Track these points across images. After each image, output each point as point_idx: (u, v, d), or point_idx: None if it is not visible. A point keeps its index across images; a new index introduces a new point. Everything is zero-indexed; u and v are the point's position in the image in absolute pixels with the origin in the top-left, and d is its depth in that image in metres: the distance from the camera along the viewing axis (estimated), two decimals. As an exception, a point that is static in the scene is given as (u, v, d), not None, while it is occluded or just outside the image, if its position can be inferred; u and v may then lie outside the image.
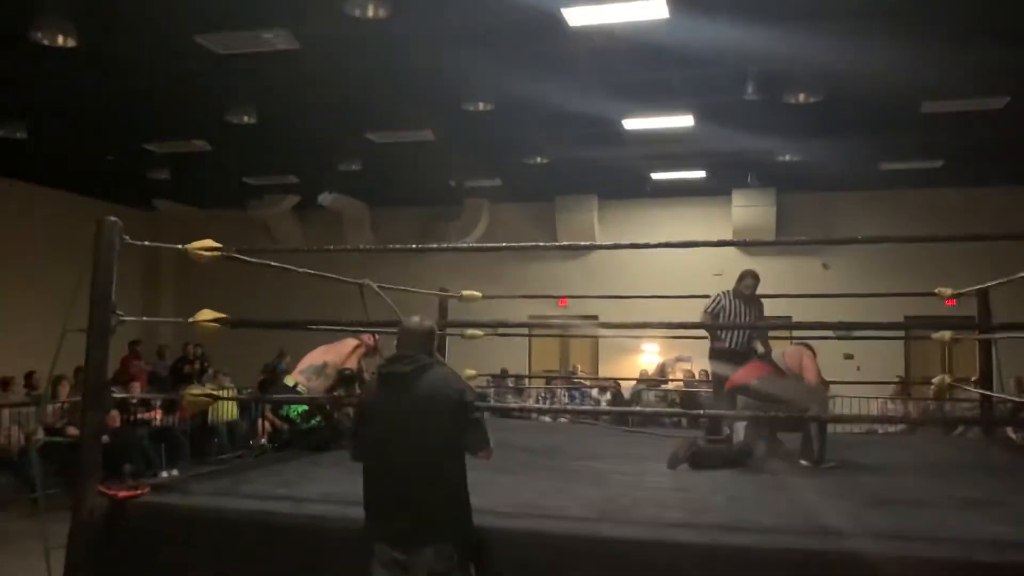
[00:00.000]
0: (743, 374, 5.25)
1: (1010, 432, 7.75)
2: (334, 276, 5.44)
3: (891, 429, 8.88)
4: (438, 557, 2.90)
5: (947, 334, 5.88)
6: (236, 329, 12.06)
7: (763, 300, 6.68)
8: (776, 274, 14.39)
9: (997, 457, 5.32)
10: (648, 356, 15.32)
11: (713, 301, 6.43)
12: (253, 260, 4.56)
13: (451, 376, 3.19)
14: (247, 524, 3.32)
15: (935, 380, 5.83)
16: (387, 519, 2.99)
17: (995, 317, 6.52)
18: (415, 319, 3.30)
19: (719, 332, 6.21)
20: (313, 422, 5.26)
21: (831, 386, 12.79)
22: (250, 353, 13.01)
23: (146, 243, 3.88)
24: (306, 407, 4.92)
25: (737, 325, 6.29)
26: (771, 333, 6.96)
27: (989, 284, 5.65)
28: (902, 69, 8.85)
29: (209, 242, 4.03)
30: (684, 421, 9.86)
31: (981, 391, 6.13)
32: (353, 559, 3.12)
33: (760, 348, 5.94)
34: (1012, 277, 4.75)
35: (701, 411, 6.56)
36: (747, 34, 7.75)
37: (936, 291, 6.01)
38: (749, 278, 6.34)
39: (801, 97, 9.41)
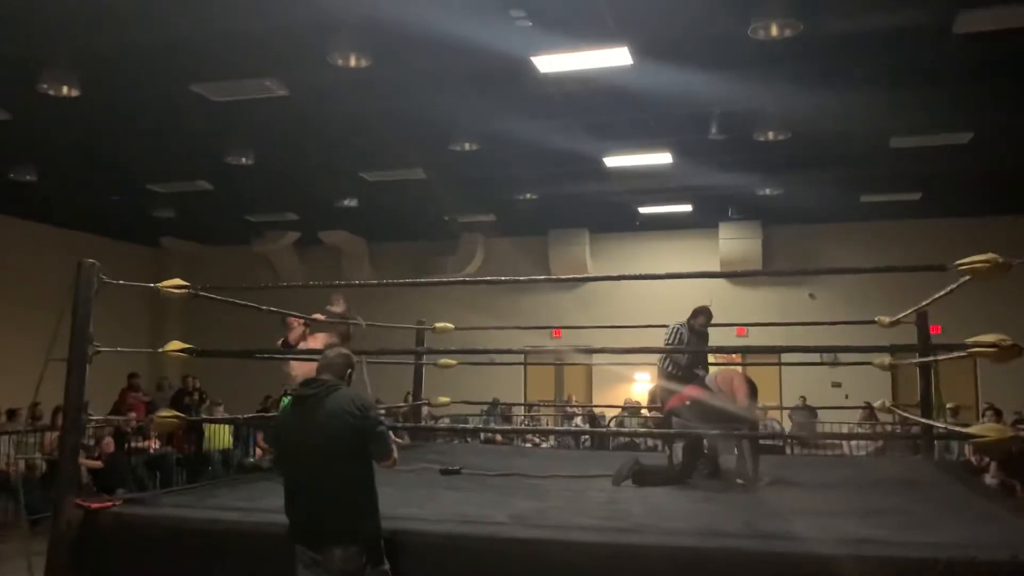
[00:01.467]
0: (678, 397, 5.60)
1: (970, 455, 8.05)
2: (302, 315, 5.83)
3: (861, 452, 9.16)
4: (346, 557, 3.27)
5: (887, 359, 6.24)
6: (239, 363, 12.35)
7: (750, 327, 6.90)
8: (764, 303, 14.83)
9: (929, 475, 5.63)
10: (640, 385, 15.61)
11: (673, 333, 6.58)
12: (218, 298, 4.96)
13: (355, 396, 3.55)
14: (200, 531, 3.73)
15: (876, 404, 6.14)
16: (301, 524, 3.38)
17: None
18: (332, 352, 3.75)
19: (669, 365, 6.41)
20: None
21: (817, 411, 13.20)
22: (250, 386, 13.41)
23: (122, 282, 4.31)
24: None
25: (712, 348, 6.57)
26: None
27: (924, 306, 5.96)
28: (865, 107, 9.24)
29: (178, 281, 4.47)
30: (660, 445, 10.13)
31: (906, 415, 6.44)
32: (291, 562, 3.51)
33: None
34: (934, 297, 5.07)
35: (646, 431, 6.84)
36: (708, 78, 8.20)
37: (876, 319, 6.35)
38: (702, 316, 6.47)
39: (770, 135, 9.83)
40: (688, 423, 5.26)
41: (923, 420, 6.04)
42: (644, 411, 11.79)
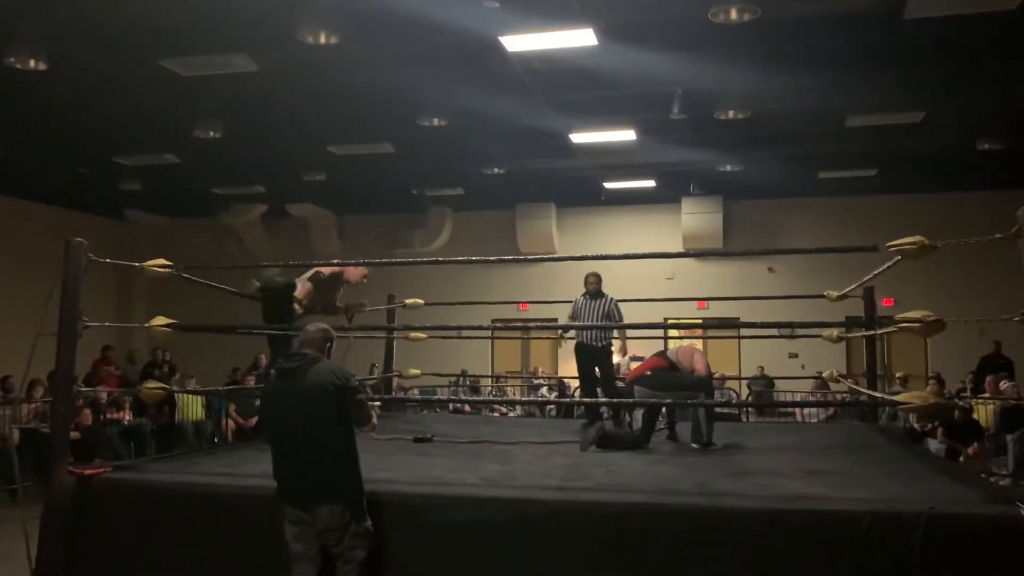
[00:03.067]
0: (640, 367, 5.92)
1: (913, 422, 8.50)
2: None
3: (813, 420, 9.58)
4: (331, 514, 3.56)
5: (834, 332, 6.60)
6: (207, 336, 12.51)
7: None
8: (725, 277, 15.25)
9: (872, 440, 6.02)
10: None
11: (572, 305, 7.37)
12: (198, 280, 5.14)
13: (335, 368, 3.82)
14: (191, 494, 3.96)
15: (824, 373, 6.49)
16: (289, 485, 3.67)
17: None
18: (313, 326, 4.00)
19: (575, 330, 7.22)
20: None
21: (775, 381, 13.67)
22: (218, 359, 13.56)
23: (108, 260, 4.48)
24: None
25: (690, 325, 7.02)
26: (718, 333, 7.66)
27: (867, 280, 6.29)
28: (822, 88, 9.54)
29: (162, 260, 4.66)
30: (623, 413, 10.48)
31: (853, 384, 6.84)
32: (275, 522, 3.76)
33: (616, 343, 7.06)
34: (872, 274, 5.39)
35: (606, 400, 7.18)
36: (670, 58, 8.46)
37: (826, 293, 6.70)
38: (589, 278, 7.30)
39: (731, 113, 10.13)
40: (648, 391, 5.59)
41: (864, 390, 6.41)
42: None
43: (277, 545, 3.66)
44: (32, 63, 8.34)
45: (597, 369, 7.28)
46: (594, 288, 7.26)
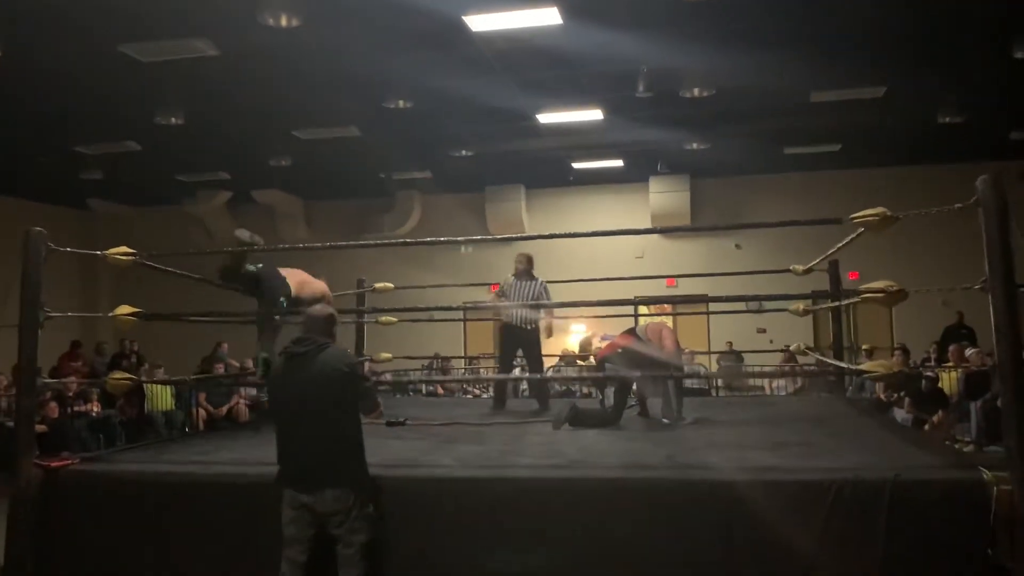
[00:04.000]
0: (610, 346, 5.96)
1: (879, 393, 8.64)
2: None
3: (782, 393, 9.71)
4: (337, 498, 3.55)
5: (800, 305, 6.68)
6: (173, 325, 12.34)
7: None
8: (693, 255, 15.35)
9: (839, 411, 6.12)
10: (577, 336, 16.05)
11: (502, 283, 7.43)
12: (163, 268, 5.07)
13: (344, 354, 3.85)
14: (160, 484, 3.93)
15: (792, 347, 6.58)
16: (294, 469, 3.65)
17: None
18: (317, 307, 3.97)
19: (505, 312, 7.26)
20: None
21: (743, 356, 13.82)
22: (185, 347, 13.42)
23: (69, 249, 4.41)
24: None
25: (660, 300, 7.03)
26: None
27: (831, 253, 6.36)
28: (786, 63, 9.60)
29: (124, 248, 4.59)
30: (594, 391, 10.56)
31: (820, 356, 6.94)
32: (254, 509, 3.75)
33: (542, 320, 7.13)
34: (836, 247, 5.46)
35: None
36: (635, 37, 8.46)
37: (791, 268, 6.77)
38: (519, 258, 7.35)
39: (696, 91, 10.18)
40: (619, 369, 5.63)
41: (831, 361, 6.51)
42: (579, 360, 12.22)
43: (251, 531, 3.65)
44: (-15, 50, 8.16)
45: (521, 350, 7.31)
46: (524, 269, 7.27)
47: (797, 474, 3.54)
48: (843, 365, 6.12)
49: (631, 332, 5.98)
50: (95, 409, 9.77)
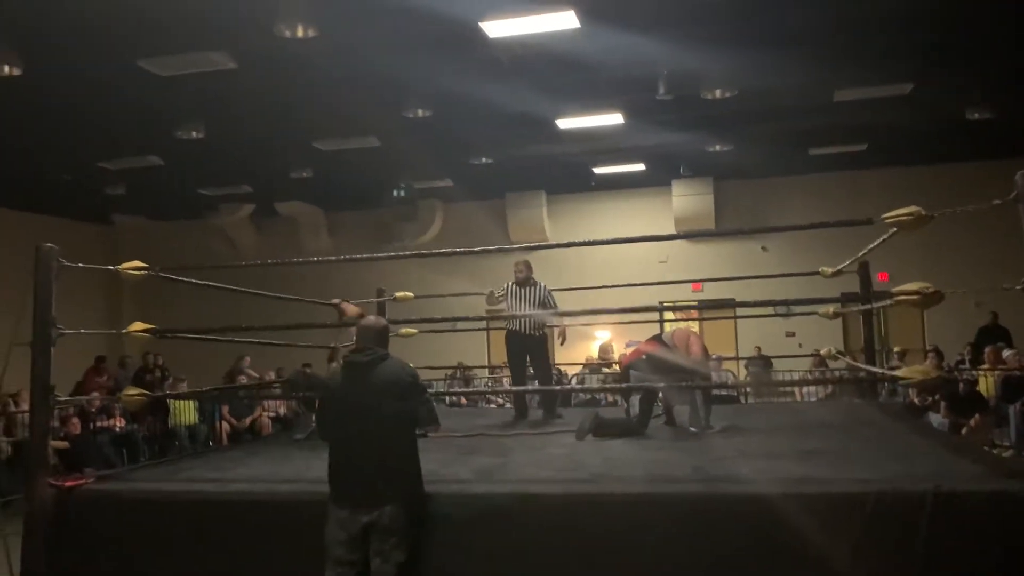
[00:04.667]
0: (635, 352, 5.81)
1: (913, 397, 8.42)
2: (252, 291, 5.93)
3: (812, 399, 9.51)
4: (394, 514, 3.43)
5: (830, 308, 6.51)
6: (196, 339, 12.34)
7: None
8: (718, 258, 15.15)
9: (873, 417, 5.92)
10: (600, 343, 15.89)
11: (501, 290, 7.32)
12: (178, 279, 5.02)
13: (404, 365, 3.75)
14: (174, 504, 3.85)
15: (822, 351, 6.40)
16: (353, 484, 3.51)
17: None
18: (371, 318, 3.90)
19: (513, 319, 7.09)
20: None
21: (772, 361, 13.59)
22: (213, 361, 13.42)
23: (80, 264, 4.36)
24: None
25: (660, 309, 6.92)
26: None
27: (863, 255, 6.19)
28: (808, 62, 9.42)
29: (137, 263, 4.53)
30: (619, 399, 10.41)
31: (850, 360, 6.74)
32: (270, 529, 3.67)
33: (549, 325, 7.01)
34: (868, 248, 5.28)
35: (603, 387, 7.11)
36: (653, 40, 8.32)
37: (820, 270, 6.60)
38: (518, 265, 7.28)
39: (717, 92, 10.01)
40: (644, 376, 5.48)
41: (862, 365, 6.31)
42: (604, 368, 12.09)
43: (266, 551, 3.56)
44: (6, 69, 8.21)
45: (529, 358, 7.16)
46: (523, 276, 7.15)
47: (830, 485, 3.39)
48: (875, 370, 5.93)
49: (657, 338, 5.83)
50: (118, 424, 9.77)
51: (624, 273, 12.24)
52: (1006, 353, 9.30)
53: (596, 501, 3.42)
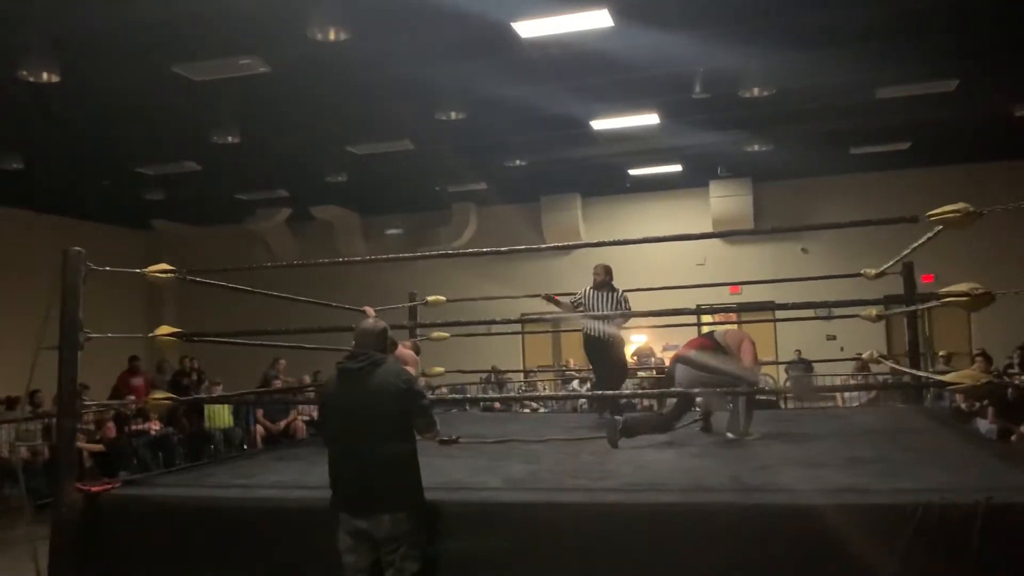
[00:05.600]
0: (686, 347, 5.67)
1: (960, 402, 8.14)
2: (281, 294, 5.90)
3: (854, 403, 9.26)
4: (394, 523, 3.35)
5: (873, 311, 6.30)
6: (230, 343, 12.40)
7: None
8: (757, 261, 14.89)
9: (918, 423, 5.72)
10: (637, 347, 15.71)
11: (577, 295, 7.22)
12: (207, 281, 5.00)
13: (400, 370, 3.64)
14: (202, 509, 3.80)
15: (864, 355, 6.20)
16: (348, 493, 3.46)
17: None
18: (369, 321, 3.79)
19: (585, 324, 6.99)
20: None
21: (813, 365, 13.31)
22: (248, 364, 13.51)
23: (108, 268, 4.34)
24: None
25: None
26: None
27: (906, 255, 5.99)
28: (849, 59, 9.20)
29: (163, 265, 4.52)
30: (655, 404, 10.24)
31: (894, 364, 6.52)
32: (294, 536, 3.60)
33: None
34: (911, 247, 5.09)
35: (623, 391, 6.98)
36: (689, 37, 8.17)
37: (862, 271, 6.40)
38: (596, 269, 7.17)
39: (755, 91, 9.81)
40: (691, 374, 5.34)
41: (908, 369, 6.11)
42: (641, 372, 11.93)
43: (292, 559, 3.49)
44: (45, 75, 8.32)
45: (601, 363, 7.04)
46: (601, 280, 7.07)
47: (876, 496, 3.23)
48: (921, 374, 5.72)
49: (709, 337, 5.67)
50: (154, 428, 9.83)
51: (661, 276, 12.04)
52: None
53: (628, 511, 3.29)
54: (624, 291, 7.10)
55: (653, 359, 14.24)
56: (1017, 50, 9.08)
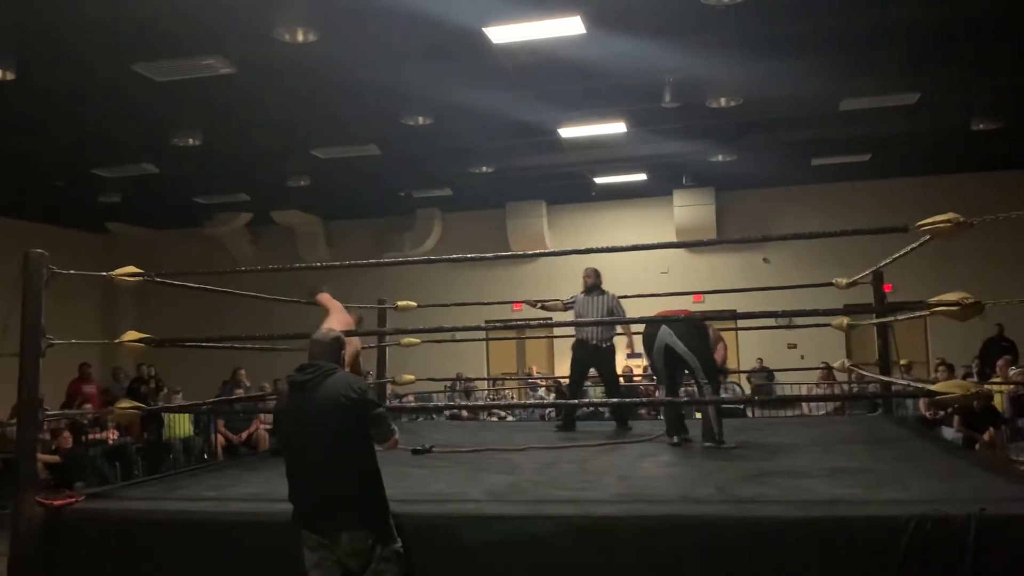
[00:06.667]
0: (676, 311, 5.73)
1: (923, 408, 8.24)
2: (248, 293, 5.76)
3: (820, 412, 9.32)
4: (353, 540, 3.22)
5: (844, 320, 6.34)
6: (192, 349, 12.18)
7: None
8: (720, 270, 14.99)
9: (890, 432, 5.75)
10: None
11: (570, 299, 7.21)
12: (177, 283, 4.83)
13: (352, 379, 3.49)
14: (170, 523, 3.63)
15: (836, 364, 6.22)
16: (305, 510, 3.33)
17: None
18: (323, 330, 3.64)
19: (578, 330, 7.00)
20: None
21: (774, 373, 13.43)
22: (207, 372, 13.23)
23: (72, 272, 4.16)
24: None
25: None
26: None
27: (879, 267, 6.03)
28: (815, 71, 9.29)
29: (131, 268, 4.34)
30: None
31: (866, 373, 6.56)
32: (270, 551, 3.46)
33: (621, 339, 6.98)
34: (894, 257, 5.11)
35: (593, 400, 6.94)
36: (660, 45, 8.18)
37: (833, 281, 6.43)
38: (586, 275, 7.13)
39: (723, 101, 9.87)
40: (673, 338, 5.40)
41: (884, 378, 6.14)
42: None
43: (269, 574, 3.35)
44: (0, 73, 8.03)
45: (593, 370, 7.01)
46: (592, 283, 7.01)
47: (870, 508, 3.20)
48: (903, 383, 5.76)
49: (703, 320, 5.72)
50: (111, 437, 9.53)
51: (625, 284, 12.05)
52: (1012, 371, 9.13)
53: (618, 524, 3.22)
54: (616, 295, 7.04)
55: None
56: (976, 65, 9.25)
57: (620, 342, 7.39)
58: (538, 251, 14.13)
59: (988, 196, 13.03)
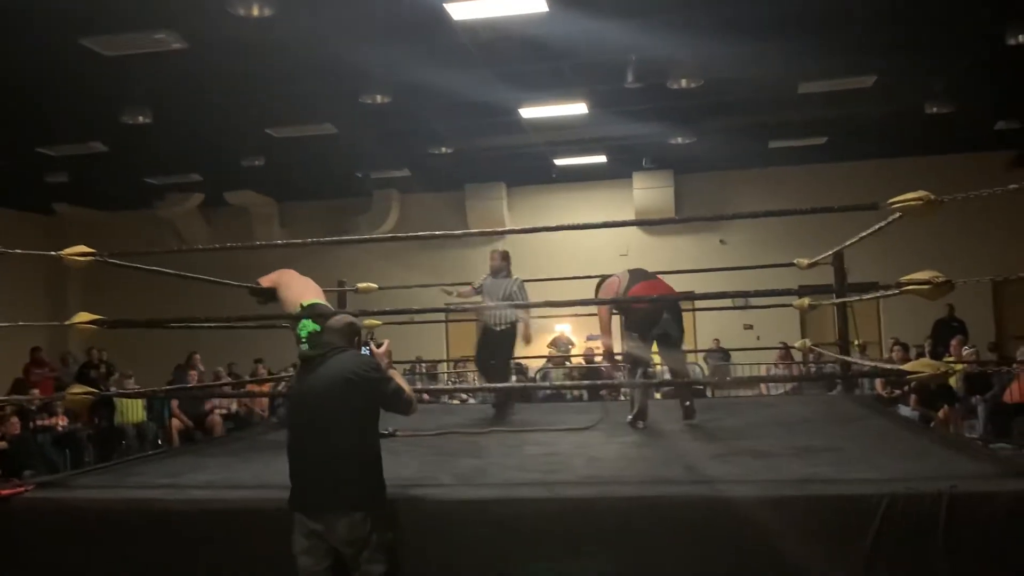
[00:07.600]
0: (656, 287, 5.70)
1: (879, 388, 8.37)
2: (203, 277, 5.60)
3: (778, 391, 9.42)
4: (350, 526, 3.13)
5: (805, 301, 6.38)
6: (144, 333, 11.91)
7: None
8: (677, 251, 15.07)
9: (851, 411, 5.81)
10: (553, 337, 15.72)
11: (479, 282, 7.07)
12: (126, 264, 4.66)
13: (361, 357, 3.40)
14: (125, 512, 3.49)
15: (797, 344, 6.27)
16: (303, 491, 3.23)
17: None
18: (337, 317, 3.58)
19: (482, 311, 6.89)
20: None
21: (730, 353, 13.56)
22: (159, 355, 12.95)
23: (19, 251, 3.98)
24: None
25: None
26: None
27: (843, 247, 6.07)
28: (775, 53, 9.33)
29: (83, 248, 4.16)
30: (585, 394, 10.25)
31: (826, 353, 6.63)
32: (232, 540, 3.36)
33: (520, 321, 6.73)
34: (860, 236, 5.14)
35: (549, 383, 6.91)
36: (623, 25, 8.12)
37: (795, 261, 6.46)
38: (492, 257, 7.00)
39: (683, 83, 9.84)
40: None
41: (844, 357, 6.20)
42: (575, 360, 11.87)
43: (231, 565, 3.25)
44: (-62, 45, 7.69)
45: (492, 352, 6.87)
46: (497, 265, 6.88)
47: (841, 487, 3.20)
48: (868, 363, 5.85)
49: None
50: (60, 423, 9.25)
51: (584, 265, 12.04)
52: (965, 350, 9.33)
53: (591, 506, 3.17)
54: (522, 279, 6.91)
55: (571, 347, 14.25)
56: (932, 48, 9.36)
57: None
58: (495, 230, 14.09)
59: (942, 179, 13.19)
